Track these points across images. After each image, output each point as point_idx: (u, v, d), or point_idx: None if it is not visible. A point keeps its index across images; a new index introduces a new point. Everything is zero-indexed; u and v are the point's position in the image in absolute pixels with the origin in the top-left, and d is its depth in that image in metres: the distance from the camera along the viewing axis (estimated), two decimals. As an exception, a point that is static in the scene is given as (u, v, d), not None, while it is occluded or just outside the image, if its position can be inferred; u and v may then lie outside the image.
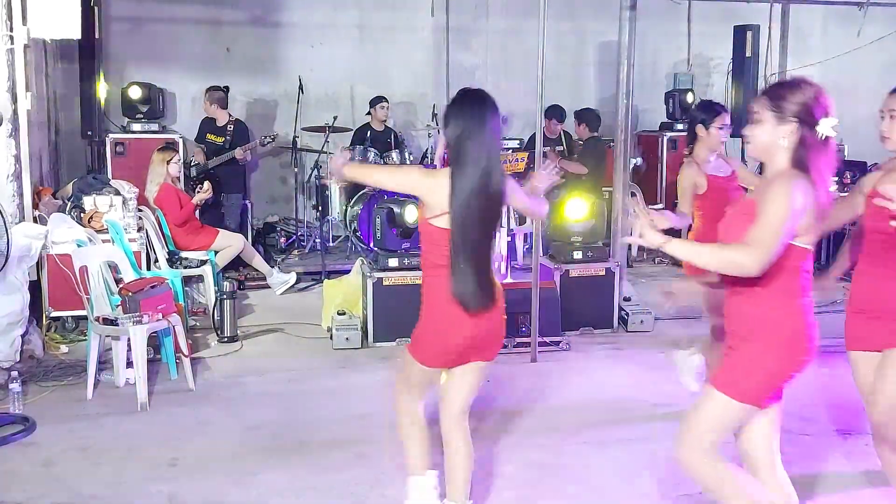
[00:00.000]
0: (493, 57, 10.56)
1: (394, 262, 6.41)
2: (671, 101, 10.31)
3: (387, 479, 4.11)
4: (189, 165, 8.70)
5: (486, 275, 3.30)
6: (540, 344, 6.05)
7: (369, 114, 9.47)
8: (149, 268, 6.70)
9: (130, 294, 5.29)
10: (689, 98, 10.19)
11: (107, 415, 4.96)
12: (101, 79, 8.43)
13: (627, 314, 6.75)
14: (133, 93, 8.76)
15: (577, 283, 6.65)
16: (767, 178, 2.87)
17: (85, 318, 5.66)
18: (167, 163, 7.37)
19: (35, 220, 6.36)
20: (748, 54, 9.07)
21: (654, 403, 5.15)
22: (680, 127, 9.79)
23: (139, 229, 6.81)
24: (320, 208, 9.03)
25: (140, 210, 7.05)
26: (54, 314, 6.31)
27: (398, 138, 9.34)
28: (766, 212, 2.70)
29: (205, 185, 7.52)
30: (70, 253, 5.81)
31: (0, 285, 5.44)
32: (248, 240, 8.49)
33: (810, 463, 4.26)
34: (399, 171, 3.56)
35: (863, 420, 4.15)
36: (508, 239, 7.04)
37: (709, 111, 4.83)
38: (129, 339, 5.21)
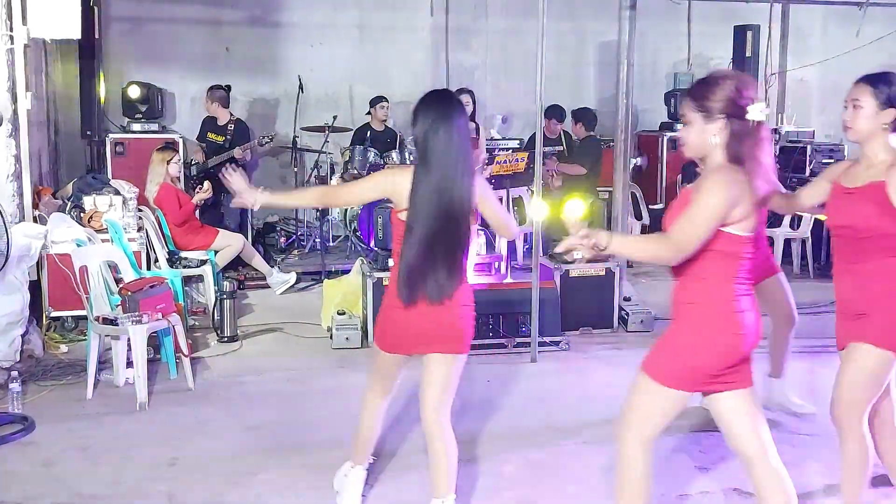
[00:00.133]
0: (492, 57, 10.56)
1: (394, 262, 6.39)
2: (671, 101, 10.30)
3: (386, 478, 4.11)
4: (189, 165, 8.70)
5: (438, 271, 3.33)
6: (540, 344, 6.05)
7: (369, 114, 9.46)
8: (149, 268, 6.70)
9: (130, 294, 5.30)
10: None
11: (106, 414, 4.96)
12: (101, 79, 8.44)
13: (627, 314, 6.75)
14: (132, 92, 8.76)
15: (577, 283, 6.65)
16: (704, 174, 2.90)
17: (85, 317, 5.66)
18: (167, 163, 7.37)
19: (35, 219, 6.36)
20: (748, 54, 9.10)
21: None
22: (680, 127, 9.76)
23: (139, 229, 6.81)
24: (320, 208, 9.01)
25: (140, 210, 7.05)
26: (54, 314, 6.31)
27: (398, 138, 9.34)
28: (692, 205, 2.77)
29: (204, 185, 7.53)
30: (70, 253, 5.81)
31: (0, 285, 5.44)
32: (248, 239, 8.50)
33: (809, 464, 4.25)
34: (362, 181, 3.61)
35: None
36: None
37: None
38: (128, 339, 5.21)
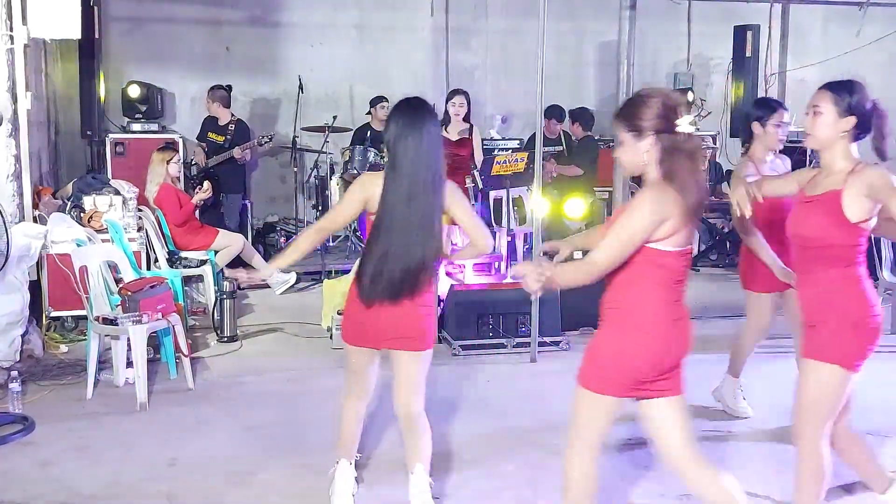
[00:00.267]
0: (492, 57, 10.56)
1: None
2: (671, 101, 10.28)
3: (385, 478, 4.11)
4: (189, 165, 8.70)
5: (399, 274, 3.35)
6: (540, 344, 6.05)
7: (369, 113, 9.46)
8: (149, 268, 6.70)
9: (130, 294, 5.30)
10: (690, 98, 10.17)
11: (106, 414, 4.96)
12: (101, 79, 8.44)
13: (627, 314, 6.73)
14: (132, 91, 8.76)
15: (577, 282, 6.64)
16: (637, 191, 2.95)
17: (85, 317, 5.66)
18: (167, 163, 7.36)
19: (35, 219, 6.35)
20: (748, 54, 9.08)
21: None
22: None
23: (139, 229, 6.81)
24: (320, 208, 9.02)
25: (140, 210, 7.05)
26: (54, 314, 6.31)
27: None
28: (617, 223, 2.87)
29: (204, 185, 7.52)
30: (70, 253, 5.81)
31: (0, 285, 5.44)
32: (248, 239, 8.49)
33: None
34: (341, 203, 3.63)
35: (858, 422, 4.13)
36: (509, 239, 7.05)
37: (765, 107, 4.66)
38: (128, 339, 5.21)
